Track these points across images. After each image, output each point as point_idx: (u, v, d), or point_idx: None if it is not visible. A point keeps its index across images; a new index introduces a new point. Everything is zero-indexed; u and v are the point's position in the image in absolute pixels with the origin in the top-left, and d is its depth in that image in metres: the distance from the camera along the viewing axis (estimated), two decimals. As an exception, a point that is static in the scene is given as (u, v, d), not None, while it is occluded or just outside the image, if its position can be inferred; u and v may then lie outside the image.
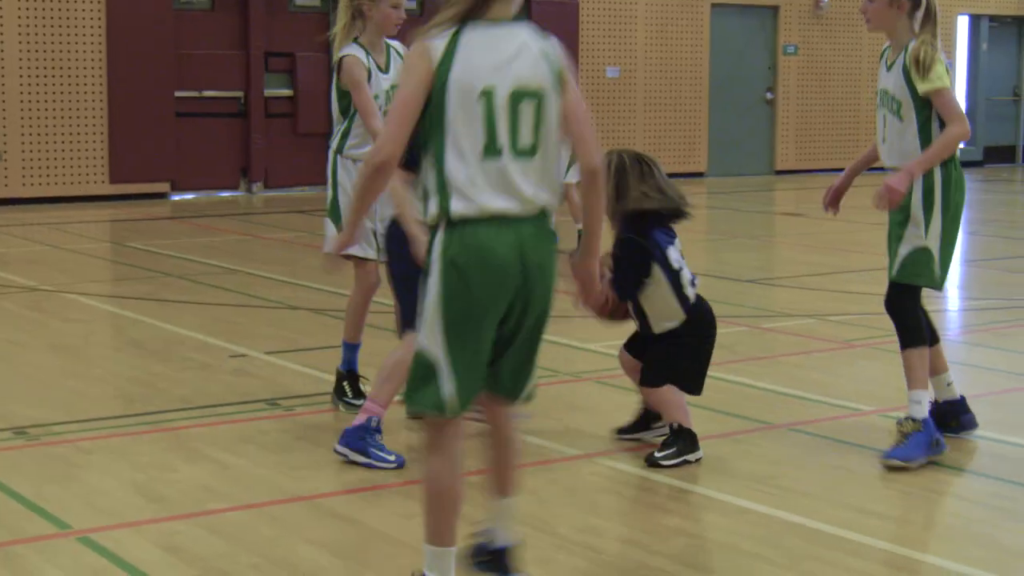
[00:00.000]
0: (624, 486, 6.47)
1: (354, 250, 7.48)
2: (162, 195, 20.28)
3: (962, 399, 7.28)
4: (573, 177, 13.79)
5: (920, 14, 7.03)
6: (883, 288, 7.02)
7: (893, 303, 6.90)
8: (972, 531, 5.92)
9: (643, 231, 6.88)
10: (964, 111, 6.90)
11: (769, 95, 25.44)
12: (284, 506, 6.12)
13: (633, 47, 23.06)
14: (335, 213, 7.74)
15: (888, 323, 7.06)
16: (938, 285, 6.88)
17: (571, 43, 22.09)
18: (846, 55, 26.16)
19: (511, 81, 4.60)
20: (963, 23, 28.25)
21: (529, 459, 6.77)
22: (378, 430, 6.75)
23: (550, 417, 7.68)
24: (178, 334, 10.00)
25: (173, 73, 20.27)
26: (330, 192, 7.79)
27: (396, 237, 6.48)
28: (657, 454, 6.74)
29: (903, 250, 6.83)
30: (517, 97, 4.60)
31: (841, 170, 7.60)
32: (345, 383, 7.92)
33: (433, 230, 4.66)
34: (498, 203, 4.60)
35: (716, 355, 7.18)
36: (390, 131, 4.60)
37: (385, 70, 7.68)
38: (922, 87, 6.85)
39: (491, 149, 4.58)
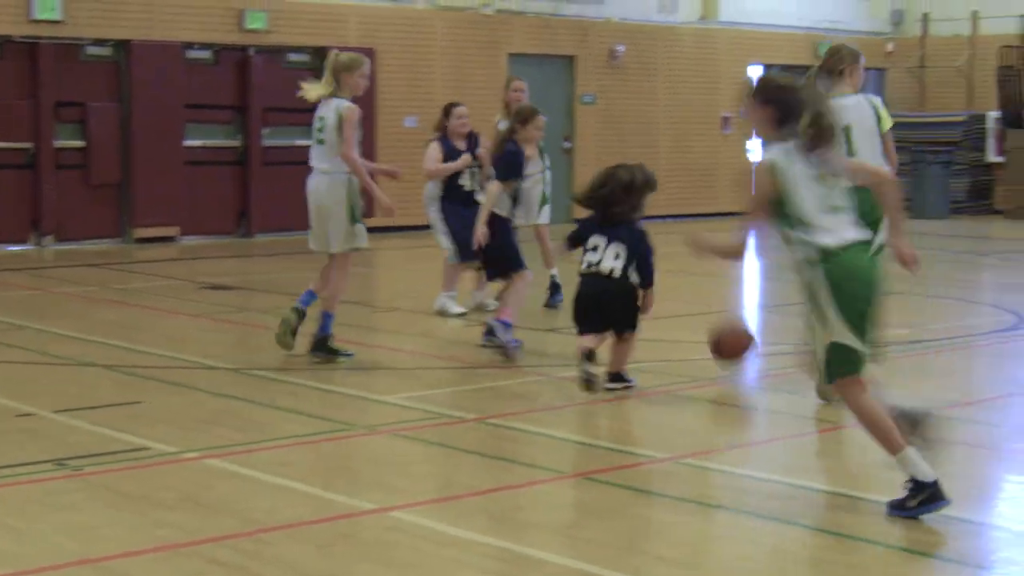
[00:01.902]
0: (421, 540, 6.47)
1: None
2: (-52, 249, 19.80)
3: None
4: (544, 218, 13.94)
5: None
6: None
7: None
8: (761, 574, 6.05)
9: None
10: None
11: (567, 144, 25.75)
12: (73, 569, 6.01)
13: (431, 96, 23.18)
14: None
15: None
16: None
17: (368, 92, 22.10)
18: (642, 104, 26.61)
19: None
20: (756, 73, 28.97)
21: (322, 515, 6.75)
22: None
23: (346, 471, 7.67)
24: (-38, 393, 9.76)
25: (-41, 124, 19.85)
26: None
27: None
28: None
29: None
30: None
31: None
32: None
33: None
34: None
35: (512, 404, 7.24)
36: None
37: None
38: None
39: None
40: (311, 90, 11.15)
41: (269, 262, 19.41)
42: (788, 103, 6.96)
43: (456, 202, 13.27)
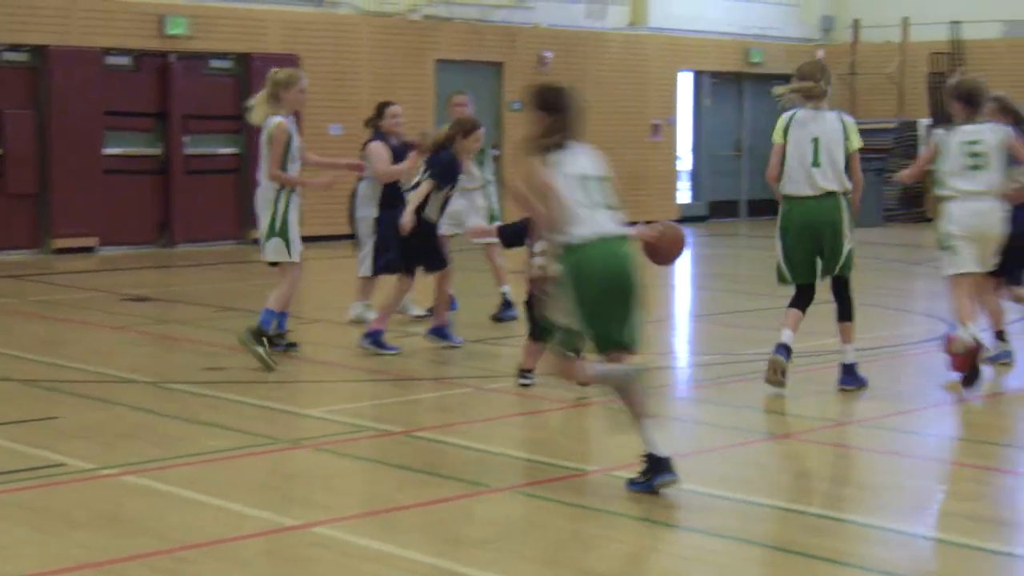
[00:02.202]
0: (345, 556, 6.42)
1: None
2: None
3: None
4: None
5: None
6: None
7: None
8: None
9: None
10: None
11: (495, 151, 25.74)
12: (-17, 590, 5.93)
13: (357, 104, 23.11)
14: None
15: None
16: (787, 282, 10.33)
17: (293, 100, 22.03)
18: (572, 111, 26.62)
19: None
20: (686, 79, 29.10)
21: (243, 532, 6.70)
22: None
23: (268, 487, 7.62)
24: None
25: None
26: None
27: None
28: None
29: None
30: None
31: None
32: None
33: None
34: None
35: (440, 417, 7.21)
36: None
37: None
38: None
39: None
40: (255, 115, 11.53)
41: (191, 273, 19.28)
42: (556, 107, 8.20)
43: (390, 208, 13.12)
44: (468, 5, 25.53)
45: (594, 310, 7.42)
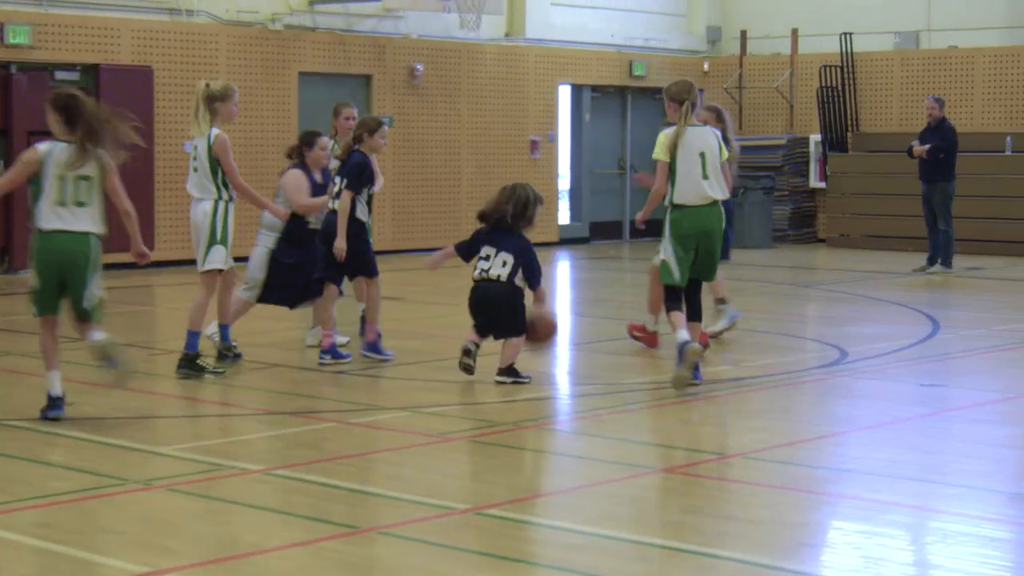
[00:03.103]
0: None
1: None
2: None
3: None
4: None
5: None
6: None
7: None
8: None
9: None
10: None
11: (364, 170, 25.71)
12: None
13: (215, 119, 22.98)
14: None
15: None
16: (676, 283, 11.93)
17: (146, 113, 21.90)
18: (445, 127, 26.72)
19: None
20: (564, 92, 29.21)
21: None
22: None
23: (118, 531, 7.57)
24: None
25: None
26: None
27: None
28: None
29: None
30: None
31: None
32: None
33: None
34: None
35: (299, 455, 7.19)
36: None
37: None
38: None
39: None
40: (196, 133, 12.52)
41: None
42: (72, 111, 10.22)
43: (294, 241, 13.19)
44: (333, 14, 25.53)
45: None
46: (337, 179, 12.99)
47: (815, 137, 29.23)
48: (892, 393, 12.00)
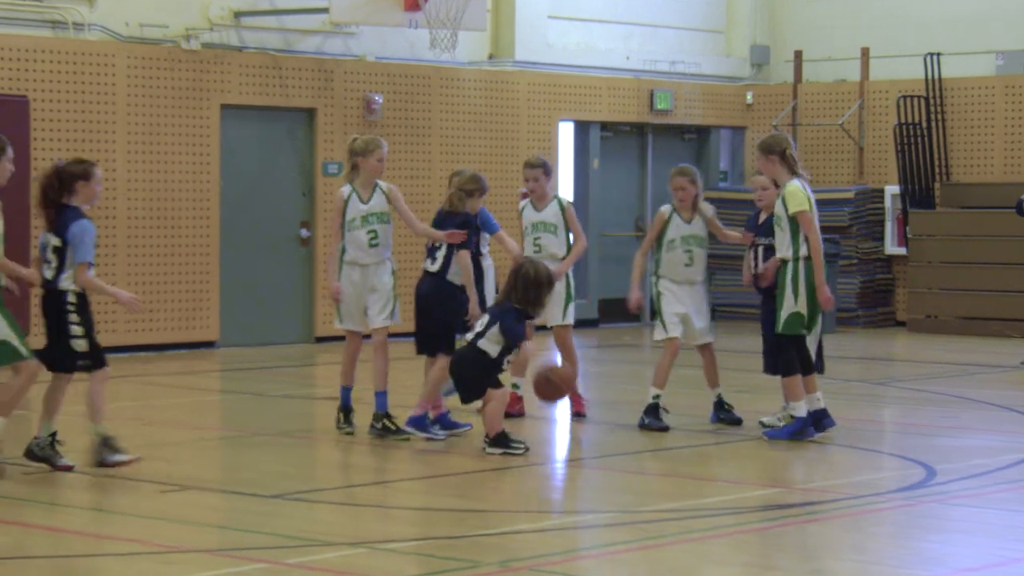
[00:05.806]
0: None
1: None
2: None
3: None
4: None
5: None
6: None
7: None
8: None
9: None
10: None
11: (304, 232, 25.65)
12: None
13: (112, 158, 22.91)
14: None
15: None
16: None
17: (21, 154, 21.80)
18: (410, 175, 26.55)
19: None
20: (566, 131, 29.08)
21: None
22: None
23: None
24: None
25: None
26: None
27: None
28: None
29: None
30: None
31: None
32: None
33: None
34: None
35: None
36: None
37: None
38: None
39: None
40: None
41: None
42: None
43: None
44: (267, 30, 25.47)
45: None
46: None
47: (892, 189, 29.09)
48: (995, 525, 11.89)
